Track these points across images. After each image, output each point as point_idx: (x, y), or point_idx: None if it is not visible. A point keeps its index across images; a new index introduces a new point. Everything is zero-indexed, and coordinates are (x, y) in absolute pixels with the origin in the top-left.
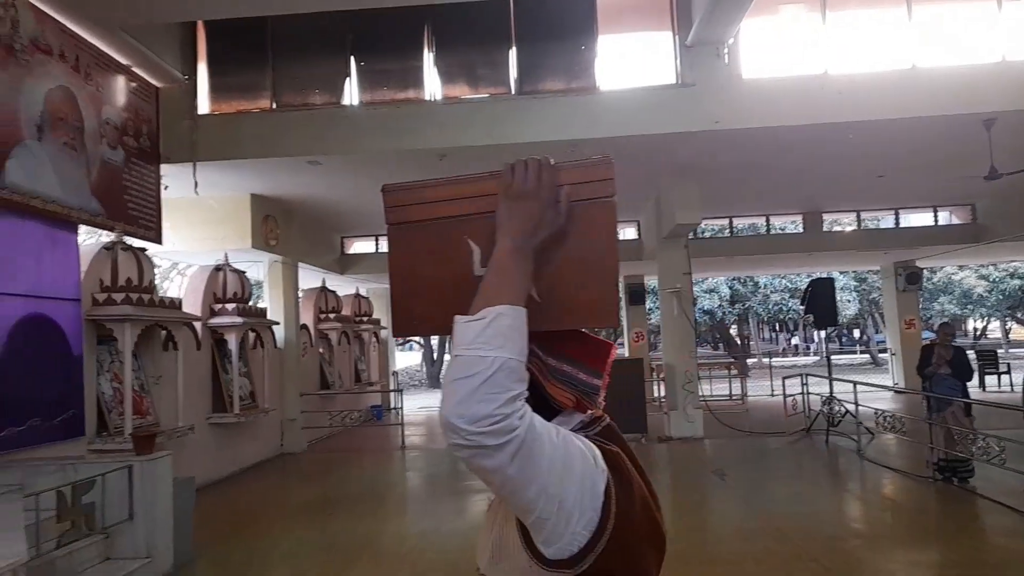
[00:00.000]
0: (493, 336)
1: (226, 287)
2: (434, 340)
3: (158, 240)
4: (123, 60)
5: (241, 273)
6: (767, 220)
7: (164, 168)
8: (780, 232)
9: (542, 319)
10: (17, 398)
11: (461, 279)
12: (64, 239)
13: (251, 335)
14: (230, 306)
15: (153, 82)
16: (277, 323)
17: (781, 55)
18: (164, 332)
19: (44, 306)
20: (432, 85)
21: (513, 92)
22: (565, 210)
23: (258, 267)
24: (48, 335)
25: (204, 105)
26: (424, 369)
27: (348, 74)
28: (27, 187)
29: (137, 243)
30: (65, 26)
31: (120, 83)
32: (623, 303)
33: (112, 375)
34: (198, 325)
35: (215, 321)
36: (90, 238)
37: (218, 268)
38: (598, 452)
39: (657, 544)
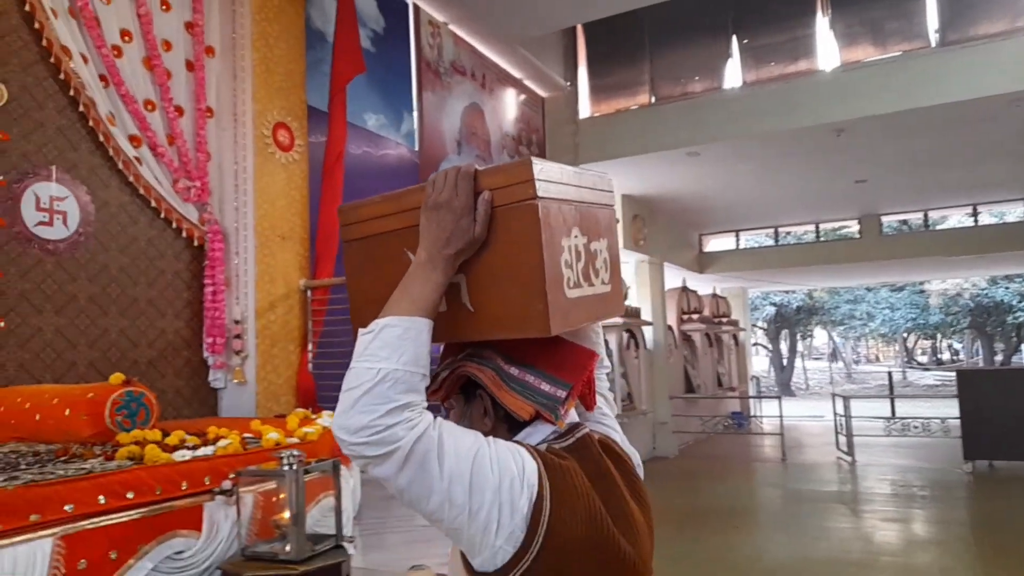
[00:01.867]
0: (379, 348)
1: None
2: (783, 345)
3: None
4: (516, 74)
5: None
6: None
7: None
8: None
9: (473, 329)
10: None
11: None
12: None
13: (625, 336)
14: None
15: (540, 92)
16: (651, 323)
17: None
18: None
19: None
20: (827, 53)
21: (933, 45)
22: (482, 218)
23: (624, 268)
24: None
25: (585, 109)
26: (772, 374)
27: (729, 55)
28: None
29: None
30: (474, 47)
31: (515, 96)
32: None
33: None
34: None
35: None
36: None
37: None
38: (530, 467)
39: (612, 566)
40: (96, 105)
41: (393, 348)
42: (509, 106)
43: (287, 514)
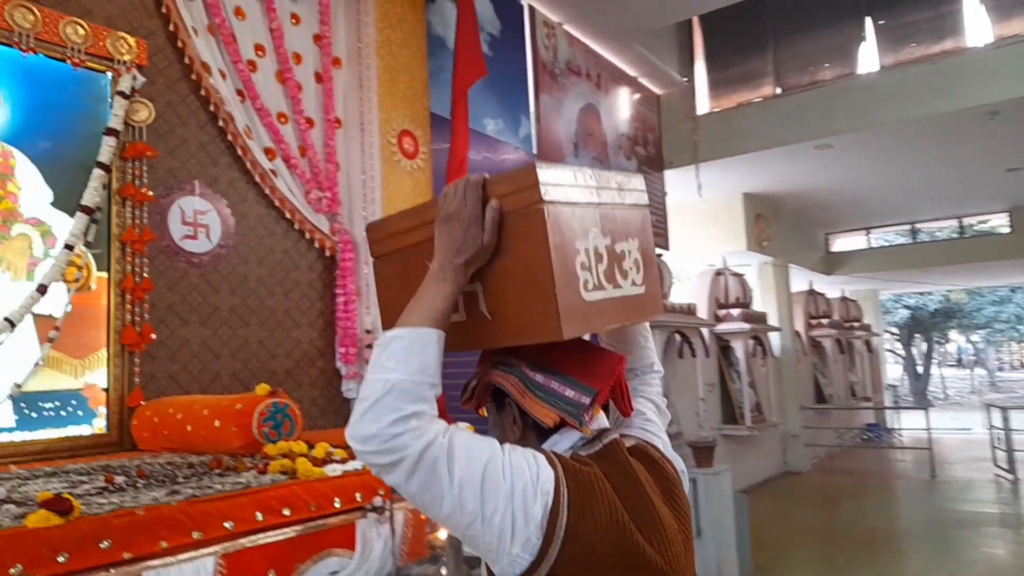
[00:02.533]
0: (387, 359)
1: (728, 292)
2: (914, 351)
3: (666, 246)
4: (631, 72)
5: (741, 277)
6: None
7: (666, 174)
8: None
9: (492, 336)
10: None
11: None
12: None
13: (751, 343)
14: (735, 311)
15: (655, 90)
16: (778, 329)
17: None
18: (679, 339)
19: None
20: (977, 28)
21: None
22: (490, 225)
23: (745, 271)
24: None
25: (703, 105)
26: (907, 383)
27: (863, 38)
28: None
29: None
30: (588, 46)
31: (629, 95)
32: None
33: None
34: (704, 332)
35: (722, 327)
36: None
37: (719, 272)
38: (546, 474)
39: (637, 574)
40: (234, 120)
41: (399, 359)
42: (624, 105)
43: (442, 534)
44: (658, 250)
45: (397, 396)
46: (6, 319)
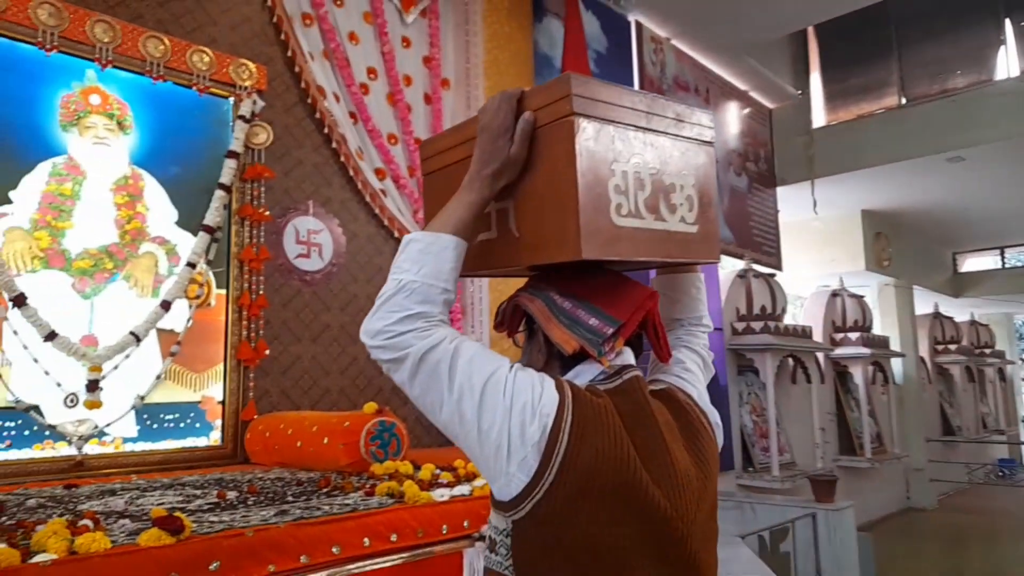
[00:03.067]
0: (403, 261)
1: (845, 314)
2: None
3: (778, 266)
4: (741, 86)
5: (860, 298)
6: None
7: (779, 191)
8: None
9: (518, 254)
10: None
11: None
12: (707, 268)
13: (871, 369)
14: (853, 335)
15: (766, 103)
16: (902, 355)
17: None
18: (792, 363)
19: None
20: None
21: None
22: (520, 137)
23: (863, 292)
24: None
25: (819, 118)
26: None
27: (1001, 41)
28: None
29: (763, 270)
30: (697, 61)
31: (739, 110)
32: None
33: (751, 407)
34: (820, 356)
35: (839, 352)
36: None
37: (835, 294)
38: (549, 397)
39: (635, 510)
40: (347, 141)
41: (414, 261)
42: (734, 120)
43: None
44: (770, 271)
45: (406, 295)
46: (132, 333)
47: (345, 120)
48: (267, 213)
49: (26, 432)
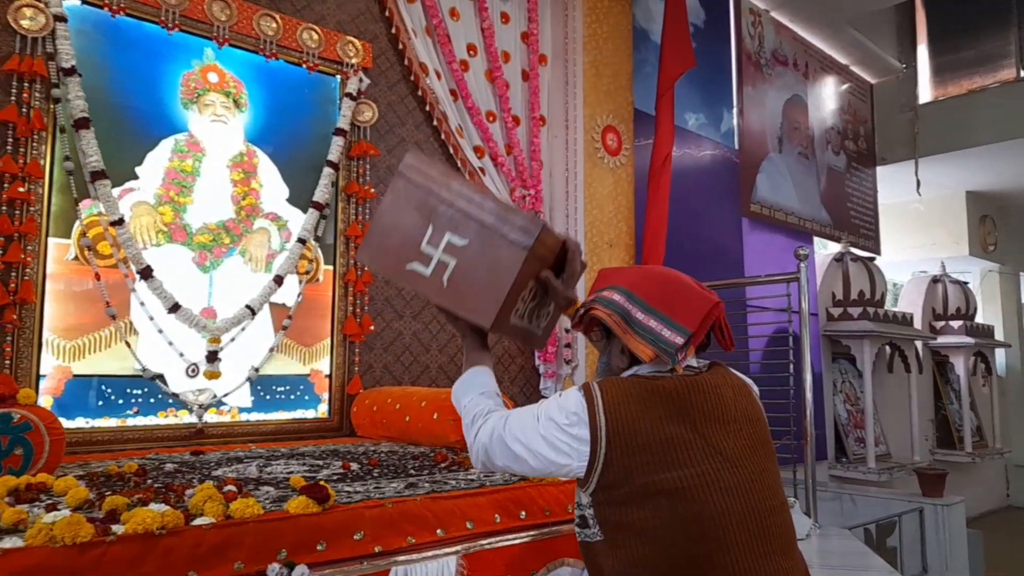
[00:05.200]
0: (459, 388)
1: (947, 302)
2: None
3: (877, 250)
4: (842, 60)
5: (963, 285)
6: None
7: (878, 171)
8: None
9: (440, 295)
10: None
11: None
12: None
13: (973, 359)
14: (955, 323)
15: (867, 78)
16: (1008, 345)
17: None
18: (889, 351)
19: (785, 320)
20: None
21: None
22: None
23: (966, 278)
24: (788, 351)
25: (925, 93)
26: None
27: None
28: (772, 200)
29: (861, 253)
30: (796, 33)
31: (839, 85)
32: None
33: (844, 396)
34: (918, 344)
35: (941, 341)
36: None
37: (935, 279)
38: (572, 402)
39: (696, 456)
40: (447, 119)
41: (465, 389)
42: (833, 96)
43: None
44: (868, 254)
45: (467, 413)
46: (248, 307)
47: (446, 97)
48: (372, 190)
49: (152, 400)
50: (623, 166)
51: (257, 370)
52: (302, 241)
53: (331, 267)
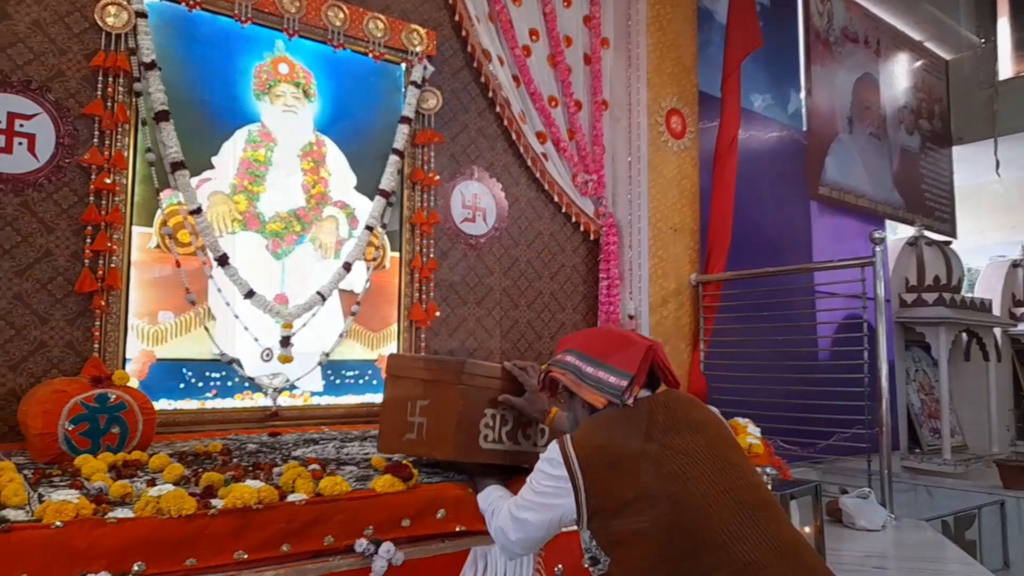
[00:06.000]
0: (481, 501)
1: None
2: None
3: (952, 233)
4: (916, 36)
5: None
6: None
7: (954, 151)
8: None
9: (424, 445)
10: (823, 406)
11: None
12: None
13: None
14: None
15: (943, 55)
16: None
17: None
18: (966, 338)
19: (858, 307)
20: None
21: None
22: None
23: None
24: (861, 339)
25: (1005, 69)
26: None
27: None
28: (842, 182)
29: (936, 237)
30: (867, 10)
31: (912, 62)
32: None
33: (918, 385)
34: (997, 332)
35: (1022, 328)
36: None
37: (1015, 264)
38: (554, 464)
39: (657, 463)
40: (510, 105)
41: (482, 500)
42: (906, 74)
43: None
44: (944, 238)
45: (486, 513)
46: (318, 293)
47: (509, 83)
48: (436, 178)
49: (229, 383)
50: (688, 149)
51: (328, 355)
52: (369, 228)
53: (397, 254)
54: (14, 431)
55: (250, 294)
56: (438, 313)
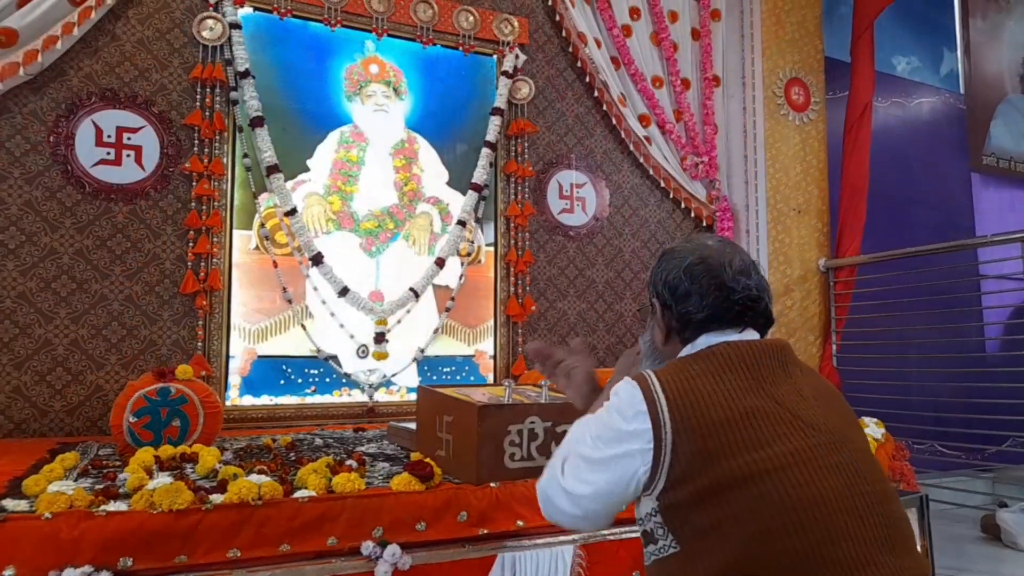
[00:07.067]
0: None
1: None
2: None
3: None
4: None
5: None
6: None
7: None
8: None
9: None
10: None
11: None
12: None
13: None
14: None
15: None
16: None
17: None
18: None
19: None
20: None
21: None
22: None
23: None
24: None
25: None
26: None
27: None
28: (1012, 150)
29: None
30: None
31: None
32: None
33: None
34: None
35: None
36: None
37: None
38: (628, 399)
39: (757, 423)
40: (608, 88)
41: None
42: None
43: None
44: None
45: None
46: (412, 289)
47: (607, 66)
48: (531, 168)
49: (327, 379)
50: (812, 122)
51: (423, 351)
52: (462, 223)
53: (492, 248)
54: None
55: (344, 292)
56: (535, 307)
